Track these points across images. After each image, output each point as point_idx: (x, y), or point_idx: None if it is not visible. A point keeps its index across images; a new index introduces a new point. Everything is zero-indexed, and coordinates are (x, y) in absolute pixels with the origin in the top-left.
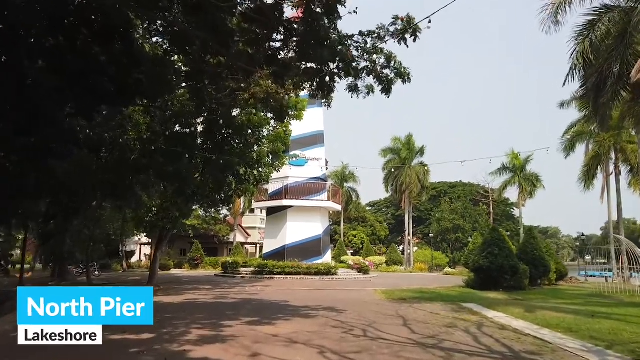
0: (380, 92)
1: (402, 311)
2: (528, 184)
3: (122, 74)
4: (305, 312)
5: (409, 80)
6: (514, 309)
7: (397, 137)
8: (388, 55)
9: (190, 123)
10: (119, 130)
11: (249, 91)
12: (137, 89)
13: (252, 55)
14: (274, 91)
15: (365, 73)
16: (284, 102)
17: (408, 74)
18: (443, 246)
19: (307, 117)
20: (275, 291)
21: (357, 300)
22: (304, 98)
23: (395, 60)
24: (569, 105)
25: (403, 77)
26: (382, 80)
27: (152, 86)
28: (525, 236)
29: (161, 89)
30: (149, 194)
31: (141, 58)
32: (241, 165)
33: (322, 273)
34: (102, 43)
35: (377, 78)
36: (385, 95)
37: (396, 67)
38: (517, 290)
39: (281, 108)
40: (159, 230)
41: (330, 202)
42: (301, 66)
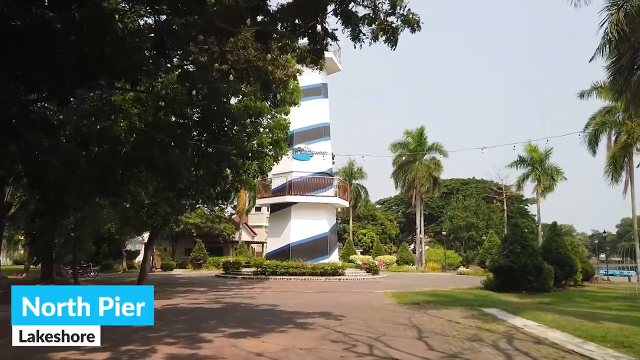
0: (385, 43)
1: (415, 319)
2: (547, 178)
3: (84, 44)
4: (302, 321)
5: (418, 29)
6: (544, 315)
7: (408, 130)
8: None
9: (185, 113)
10: (109, 121)
11: (229, 59)
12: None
13: (233, 8)
14: (256, 58)
15: (367, 22)
16: (270, 72)
17: (417, 21)
18: (456, 244)
19: (311, 108)
20: (274, 294)
21: (364, 304)
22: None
23: (402, 4)
24: (589, 95)
25: (412, 25)
26: (385, 30)
27: (122, 61)
28: (548, 233)
29: (133, 64)
30: (143, 189)
31: (106, 26)
32: (238, 156)
33: (328, 273)
34: (58, 7)
35: (381, 28)
36: (391, 47)
37: (403, 14)
38: (540, 293)
39: (267, 79)
40: (150, 228)
41: (337, 198)
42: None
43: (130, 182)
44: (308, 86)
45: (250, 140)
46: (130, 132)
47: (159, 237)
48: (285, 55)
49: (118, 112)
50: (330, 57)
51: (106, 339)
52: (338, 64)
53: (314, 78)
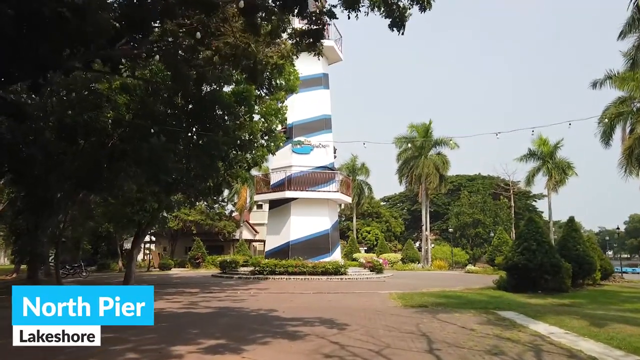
0: (390, 28)
1: (424, 325)
2: (558, 172)
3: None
4: (294, 329)
5: (429, 7)
6: (570, 320)
7: (413, 124)
8: None
9: (175, 103)
10: (95, 111)
11: (212, 45)
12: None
13: None
14: (244, 43)
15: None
16: (258, 59)
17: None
18: (462, 242)
19: (312, 99)
20: (269, 296)
21: (367, 308)
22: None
23: None
24: (602, 85)
25: (421, 3)
26: (392, 11)
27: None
28: (565, 228)
29: (97, 27)
30: (132, 184)
31: None
32: (230, 146)
33: (330, 273)
34: None
35: (387, 9)
36: (397, 31)
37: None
38: (558, 293)
39: (254, 66)
40: (136, 225)
41: (339, 193)
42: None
43: (118, 176)
44: (308, 76)
45: (241, 130)
46: (118, 124)
47: (145, 235)
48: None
49: (105, 102)
50: (331, 46)
51: (62, 353)
52: (339, 53)
53: (315, 68)
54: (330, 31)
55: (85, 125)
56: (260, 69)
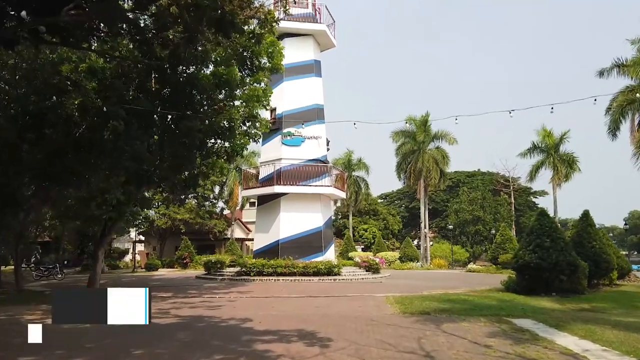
0: None
1: (427, 341)
2: (564, 165)
3: None
4: (263, 348)
5: None
6: (602, 331)
7: (411, 116)
8: None
9: (147, 87)
10: (61, 97)
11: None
12: None
13: None
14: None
15: None
16: (227, 9)
17: None
18: (462, 240)
19: (302, 88)
20: (251, 301)
21: (359, 316)
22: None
23: None
24: (609, 73)
25: None
26: None
27: None
28: (579, 223)
29: None
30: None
31: None
32: (208, 134)
33: (322, 273)
34: None
35: None
36: None
37: None
38: (574, 295)
39: (222, 15)
40: (99, 222)
41: (332, 188)
42: None
43: (87, 168)
44: (298, 63)
45: (219, 116)
46: (85, 110)
47: (111, 234)
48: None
49: (71, 87)
50: (323, 30)
51: None
52: (332, 39)
53: (305, 53)
54: (323, 15)
55: (50, 111)
56: (229, 19)
